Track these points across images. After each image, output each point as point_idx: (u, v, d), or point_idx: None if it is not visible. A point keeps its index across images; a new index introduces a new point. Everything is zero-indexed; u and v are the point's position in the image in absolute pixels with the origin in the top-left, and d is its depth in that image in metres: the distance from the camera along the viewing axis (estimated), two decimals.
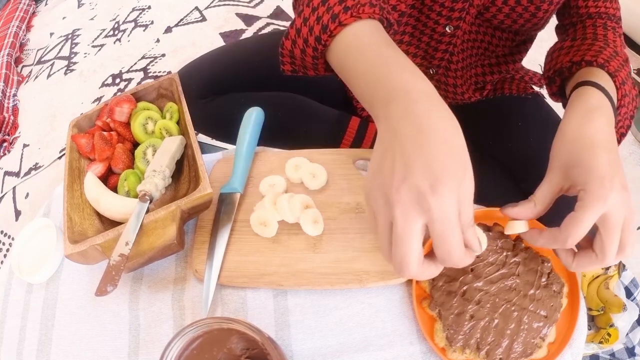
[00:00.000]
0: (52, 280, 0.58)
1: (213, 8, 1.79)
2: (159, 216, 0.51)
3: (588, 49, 0.56)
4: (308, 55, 0.47)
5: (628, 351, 0.93)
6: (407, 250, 0.35)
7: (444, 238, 0.35)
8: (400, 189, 0.35)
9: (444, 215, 0.34)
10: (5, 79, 1.70)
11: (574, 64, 0.55)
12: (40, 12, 2.14)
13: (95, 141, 0.61)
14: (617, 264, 0.99)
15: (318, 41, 0.45)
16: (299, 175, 0.58)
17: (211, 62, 0.86)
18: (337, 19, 0.43)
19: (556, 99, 0.64)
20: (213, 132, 0.87)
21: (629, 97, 0.53)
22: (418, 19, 0.65)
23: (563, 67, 0.57)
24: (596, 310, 0.95)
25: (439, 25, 0.65)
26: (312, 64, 0.48)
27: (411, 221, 0.35)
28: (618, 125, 0.55)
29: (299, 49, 0.47)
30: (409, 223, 0.35)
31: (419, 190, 0.34)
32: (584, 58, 0.54)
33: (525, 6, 0.60)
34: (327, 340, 0.49)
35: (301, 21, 0.46)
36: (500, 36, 0.68)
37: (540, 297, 0.48)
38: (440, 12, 0.63)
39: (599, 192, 0.40)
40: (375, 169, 0.38)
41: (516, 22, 0.63)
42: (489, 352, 0.46)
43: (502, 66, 0.75)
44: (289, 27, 0.48)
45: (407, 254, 0.35)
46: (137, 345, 0.52)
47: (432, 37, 0.67)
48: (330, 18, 0.43)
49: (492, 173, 0.77)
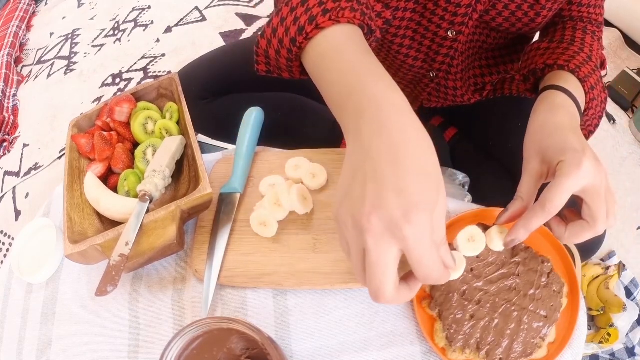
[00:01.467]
0: (52, 280, 0.58)
1: (213, 8, 1.79)
2: (159, 216, 0.51)
3: (562, 52, 0.59)
4: (282, 56, 0.45)
5: (628, 351, 0.93)
6: (382, 279, 0.34)
7: (422, 263, 0.34)
8: (372, 217, 0.33)
9: (419, 242, 0.33)
10: (5, 79, 1.70)
11: (547, 66, 0.58)
12: (40, 12, 2.14)
13: (95, 141, 0.61)
14: (617, 264, 0.99)
15: (293, 43, 0.43)
16: (299, 175, 0.58)
17: (211, 62, 0.86)
18: (315, 22, 0.41)
19: (530, 94, 0.67)
20: (213, 132, 0.87)
21: (597, 101, 0.57)
22: (419, 23, 0.65)
23: (537, 68, 0.60)
24: (596, 310, 0.95)
25: (441, 30, 0.65)
26: (287, 66, 0.47)
27: (385, 250, 0.33)
28: (586, 124, 0.60)
29: (274, 49, 0.46)
30: (383, 252, 0.33)
31: (392, 219, 0.32)
32: (557, 62, 0.57)
33: (526, 11, 0.60)
34: (327, 340, 0.49)
35: (278, 20, 0.45)
36: (496, 36, 0.69)
37: (540, 297, 0.48)
38: (443, 17, 0.63)
39: (574, 159, 0.42)
40: (345, 191, 0.36)
41: (514, 25, 0.63)
42: (489, 352, 0.46)
43: (501, 66, 0.75)
44: (265, 26, 0.46)
45: (382, 283, 0.34)
46: (137, 345, 0.52)
47: (434, 41, 0.67)
48: (307, 20, 0.42)
49: (492, 173, 0.77)
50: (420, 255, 0.34)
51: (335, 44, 0.42)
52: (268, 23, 0.46)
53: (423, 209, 0.33)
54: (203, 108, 0.81)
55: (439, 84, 0.76)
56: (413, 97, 0.81)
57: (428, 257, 0.34)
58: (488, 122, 0.80)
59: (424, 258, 0.34)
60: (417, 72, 0.74)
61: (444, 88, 0.77)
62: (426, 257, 0.34)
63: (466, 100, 0.77)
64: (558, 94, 0.52)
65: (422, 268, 0.34)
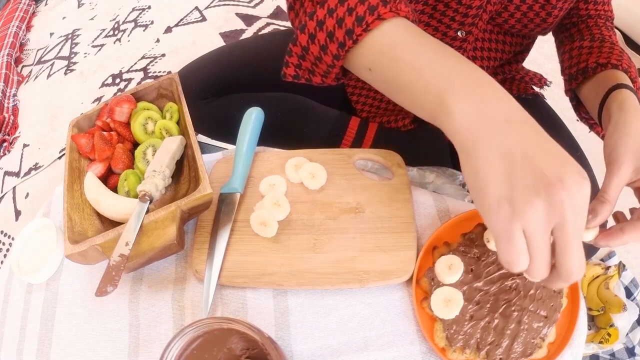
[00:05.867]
0: (52, 280, 0.58)
1: (213, 8, 1.79)
2: (159, 216, 0.51)
3: (610, 51, 0.60)
4: (329, 54, 0.42)
5: (628, 351, 0.93)
6: (580, 251, 0.34)
7: (577, 241, 0.34)
8: (564, 181, 0.32)
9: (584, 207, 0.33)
10: (5, 79, 1.70)
11: (600, 65, 0.59)
12: (40, 12, 2.14)
13: (95, 141, 0.61)
14: (617, 264, 0.99)
15: (349, 35, 0.39)
16: (299, 175, 0.58)
17: (211, 62, 0.86)
18: (376, 11, 0.38)
19: (571, 95, 0.67)
20: (213, 132, 0.87)
21: None
22: (428, 23, 0.65)
23: (588, 67, 0.60)
24: (596, 310, 0.95)
25: (451, 30, 0.65)
26: (329, 66, 0.43)
27: (581, 216, 0.34)
28: None
29: (318, 45, 0.41)
30: (579, 218, 0.33)
31: (578, 176, 0.33)
32: (609, 61, 0.58)
33: (537, 12, 0.60)
34: (327, 340, 0.49)
35: (325, 13, 0.40)
36: (511, 41, 0.69)
37: (540, 297, 0.48)
38: (453, 17, 0.63)
39: None
40: (504, 175, 0.34)
41: (526, 26, 0.63)
42: (489, 352, 0.46)
43: (505, 67, 0.75)
44: (305, 18, 0.42)
45: (580, 256, 0.34)
46: (137, 345, 0.52)
47: (443, 41, 0.67)
48: (367, 10, 0.39)
49: None
50: (580, 222, 0.34)
51: (402, 34, 0.39)
52: (309, 15, 0.42)
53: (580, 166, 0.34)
54: (203, 108, 0.81)
55: None
56: None
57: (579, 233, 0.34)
58: None
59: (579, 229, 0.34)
60: None
61: None
62: (579, 231, 0.34)
63: None
64: (632, 95, 0.52)
65: (574, 247, 0.34)
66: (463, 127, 0.36)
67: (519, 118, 0.35)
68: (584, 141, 0.69)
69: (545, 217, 0.33)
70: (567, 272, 0.34)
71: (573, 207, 0.32)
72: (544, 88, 0.83)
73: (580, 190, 0.33)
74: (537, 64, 1.18)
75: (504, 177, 0.34)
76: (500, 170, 0.34)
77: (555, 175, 0.32)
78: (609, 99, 0.53)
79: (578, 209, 0.33)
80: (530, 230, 0.33)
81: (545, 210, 0.33)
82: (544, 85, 0.82)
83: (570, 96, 0.67)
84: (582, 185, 0.33)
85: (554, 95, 0.87)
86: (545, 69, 1.03)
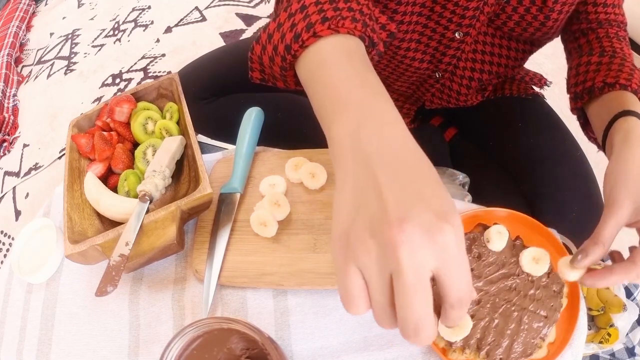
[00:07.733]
0: (52, 280, 0.58)
1: (213, 8, 1.79)
2: (159, 216, 0.51)
3: (619, 69, 0.56)
4: (276, 64, 0.43)
5: (628, 351, 0.93)
6: (424, 307, 0.28)
7: (462, 276, 0.29)
8: (404, 224, 0.27)
9: (460, 248, 0.29)
10: (5, 79, 1.70)
11: (607, 85, 0.55)
12: (40, 12, 2.14)
13: (95, 141, 0.61)
14: None
15: (287, 50, 0.40)
16: (299, 175, 0.58)
17: (211, 62, 0.86)
18: (312, 29, 0.39)
19: (577, 113, 0.63)
20: (213, 132, 0.87)
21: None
22: (426, 25, 0.65)
23: (595, 86, 0.57)
24: (596, 310, 0.95)
25: (449, 31, 0.65)
26: (281, 74, 0.44)
27: (424, 265, 0.28)
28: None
29: (268, 56, 0.43)
30: (421, 268, 0.28)
31: (430, 222, 0.28)
32: (618, 81, 0.54)
33: (535, 15, 0.60)
34: (327, 340, 0.49)
35: (275, 26, 0.42)
36: (517, 47, 0.68)
37: (540, 297, 0.48)
38: (450, 19, 0.63)
39: None
40: (352, 206, 0.31)
41: (526, 30, 0.62)
42: (489, 352, 0.46)
43: (508, 70, 0.75)
44: (262, 31, 0.44)
45: (425, 313, 0.28)
46: (137, 345, 0.52)
47: (441, 42, 0.67)
48: (305, 27, 0.39)
49: (492, 173, 0.77)
50: (460, 265, 0.29)
51: (330, 54, 0.38)
52: (264, 28, 0.44)
53: (454, 211, 0.29)
54: (203, 108, 0.81)
55: (443, 84, 0.76)
56: (415, 97, 0.81)
57: (465, 268, 0.29)
58: (488, 122, 0.80)
59: (463, 269, 0.29)
60: (422, 73, 0.74)
61: (447, 89, 0.76)
62: (464, 267, 0.29)
63: (469, 103, 0.77)
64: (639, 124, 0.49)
65: (459, 284, 0.29)
66: (335, 155, 0.34)
67: (394, 152, 0.32)
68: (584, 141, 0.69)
69: (377, 262, 0.29)
70: (406, 328, 0.29)
71: (412, 254, 0.27)
72: (544, 88, 0.82)
73: (429, 236, 0.27)
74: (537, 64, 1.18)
75: (351, 210, 0.31)
76: (351, 203, 0.31)
77: (396, 215, 0.28)
78: (613, 128, 0.50)
79: (422, 257, 0.27)
80: (364, 274, 0.30)
81: (377, 254, 0.28)
82: (544, 85, 0.82)
83: (577, 114, 0.64)
84: (433, 230, 0.28)
85: (554, 95, 0.87)
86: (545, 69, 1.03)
